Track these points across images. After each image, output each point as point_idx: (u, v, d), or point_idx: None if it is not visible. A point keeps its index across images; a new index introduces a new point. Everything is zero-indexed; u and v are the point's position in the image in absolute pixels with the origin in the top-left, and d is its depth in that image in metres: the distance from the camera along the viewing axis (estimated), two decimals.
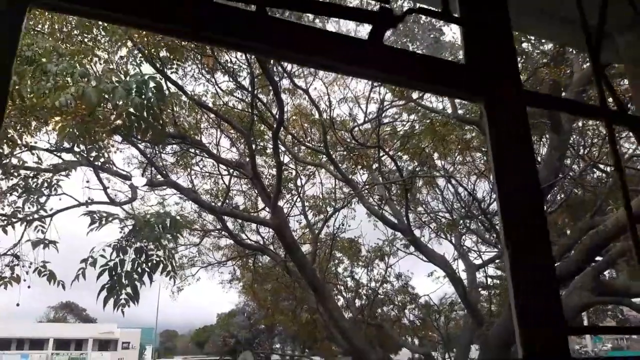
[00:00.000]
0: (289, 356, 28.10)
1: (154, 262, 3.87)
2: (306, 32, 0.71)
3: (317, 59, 0.74)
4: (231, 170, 9.27)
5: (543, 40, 6.13)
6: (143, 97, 4.08)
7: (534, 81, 7.07)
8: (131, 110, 4.28)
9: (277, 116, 7.37)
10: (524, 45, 7.15)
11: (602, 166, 8.59)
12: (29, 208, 4.76)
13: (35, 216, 4.77)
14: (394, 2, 7.59)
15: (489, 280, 10.89)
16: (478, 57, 0.83)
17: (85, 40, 5.97)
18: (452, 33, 7.88)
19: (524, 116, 0.84)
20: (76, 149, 5.37)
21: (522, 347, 0.66)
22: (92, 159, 5.58)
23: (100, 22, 5.24)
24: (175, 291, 12.05)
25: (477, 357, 9.12)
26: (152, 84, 4.18)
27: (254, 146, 8.12)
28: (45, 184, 4.96)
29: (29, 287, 4.50)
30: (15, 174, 5.02)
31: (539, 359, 0.66)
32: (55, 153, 5.46)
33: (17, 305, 4.79)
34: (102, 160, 5.89)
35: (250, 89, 7.83)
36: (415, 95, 9.32)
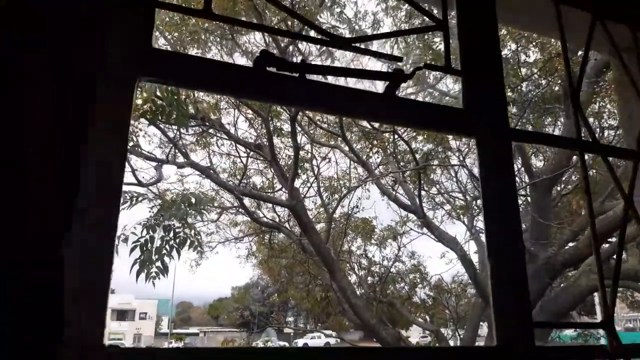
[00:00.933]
0: (301, 330, 28.76)
1: (182, 238, 4.16)
2: (337, 91, 0.91)
3: (345, 111, 0.94)
4: (249, 152, 9.50)
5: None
6: None
7: (549, 68, 7.10)
8: (158, 94, 4.49)
9: None
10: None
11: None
12: None
13: None
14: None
15: None
16: (473, 104, 1.03)
17: None
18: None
19: (508, 149, 1.03)
20: None
21: (496, 337, 0.88)
22: None
23: None
24: (194, 265, 12.49)
25: (487, 335, 9.38)
26: None
27: (271, 127, 8.32)
28: None
29: None
30: None
31: (509, 347, 0.88)
32: None
33: None
34: (131, 144, 6.15)
35: None
36: (430, 79, 9.38)
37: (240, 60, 8.85)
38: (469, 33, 1.05)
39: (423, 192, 8.87)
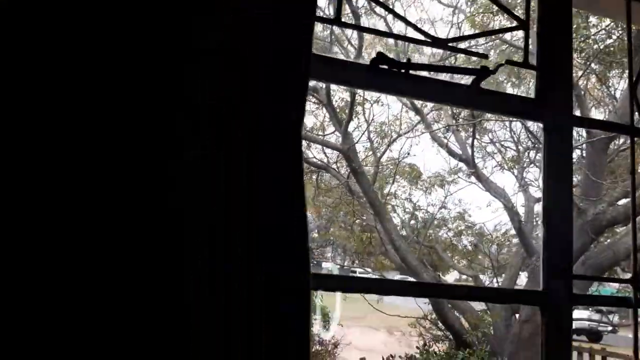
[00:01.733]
0: (339, 265, 29.67)
1: None
2: (434, 84, 1.15)
3: (439, 100, 1.17)
4: None
5: None
6: None
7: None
8: None
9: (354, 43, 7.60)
10: None
11: None
12: None
13: None
14: None
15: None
16: (544, 95, 1.23)
17: None
18: None
19: (570, 134, 1.25)
20: None
21: (542, 283, 1.15)
22: None
23: None
24: None
25: (525, 284, 9.62)
26: None
27: None
28: None
29: None
30: None
31: (551, 291, 1.15)
32: None
33: None
34: None
35: (332, 13, 8.01)
36: (495, 22, 9.08)
37: None
38: (547, 33, 1.23)
39: (475, 141, 8.87)
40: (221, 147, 0.72)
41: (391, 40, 9.24)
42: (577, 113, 8.28)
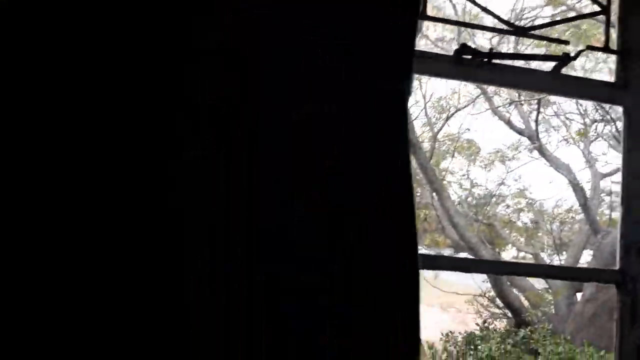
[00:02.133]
0: None
1: None
2: (516, 71, 1.21)
3: (521, 87, 1.24)
4: None
5: None
6: None
7: None
8: None
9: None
10: None
11: None
12: None
13: None
14: None
15: (615, 187, 10.42)
16: (624, 79, 1.26)
17: None
18: None
19: None
20: None
21: (619, 262, 1.21)
22: None
23: None
24: None
25: (589, 262, 9.33)
26: None
27: None
28: None
29: None
30: None
31: (628, 270, 1.21)
32: None
33: None
34: None
35: None
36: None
37: None
38: (628, 17, 1.25)
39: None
40: (221, 147, 0.73)
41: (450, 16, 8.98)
42: None
